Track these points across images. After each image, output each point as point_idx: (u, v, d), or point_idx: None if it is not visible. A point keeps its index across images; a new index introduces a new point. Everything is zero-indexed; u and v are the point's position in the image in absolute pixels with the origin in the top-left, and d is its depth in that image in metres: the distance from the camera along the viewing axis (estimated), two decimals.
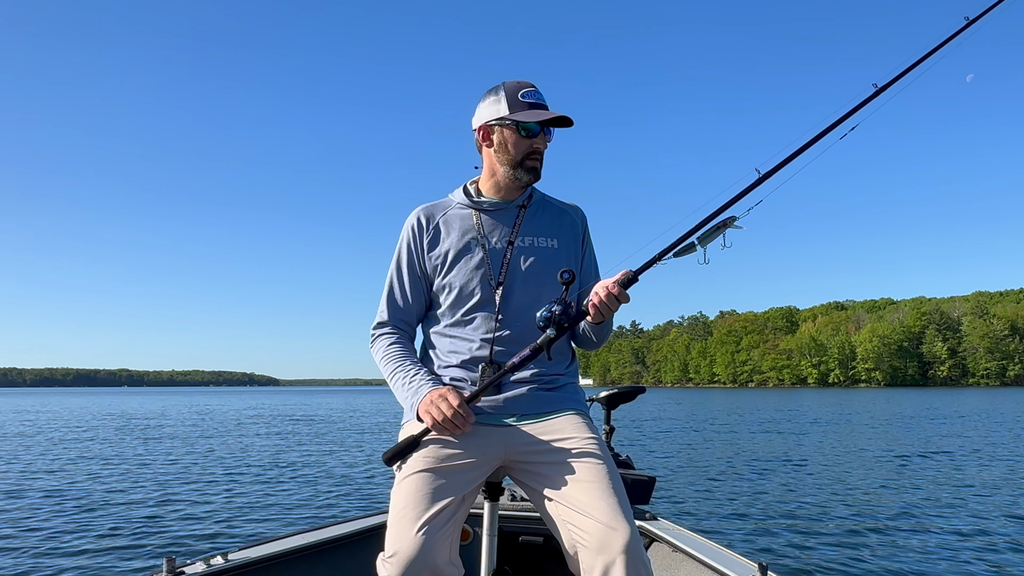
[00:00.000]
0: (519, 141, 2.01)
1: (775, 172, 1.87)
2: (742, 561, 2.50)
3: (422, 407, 1.88)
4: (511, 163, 2.02)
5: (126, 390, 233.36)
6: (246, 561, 2.41)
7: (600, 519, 1.73)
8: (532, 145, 2.01)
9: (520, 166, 2.02)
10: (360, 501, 8.47)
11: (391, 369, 2.01)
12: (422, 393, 1.90)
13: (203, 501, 8.39)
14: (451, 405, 1.83)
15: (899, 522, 7.19)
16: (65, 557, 5.77)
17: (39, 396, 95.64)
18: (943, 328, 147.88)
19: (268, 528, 6.91)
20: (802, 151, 1.88)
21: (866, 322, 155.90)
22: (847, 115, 1.91)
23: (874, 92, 1.94)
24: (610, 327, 2.04)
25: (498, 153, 2.04)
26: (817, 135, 1.89)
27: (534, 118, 1.98)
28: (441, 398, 1.85)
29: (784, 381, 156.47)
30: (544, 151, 2.05)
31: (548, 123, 2.01)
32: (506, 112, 2.00)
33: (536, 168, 2.03)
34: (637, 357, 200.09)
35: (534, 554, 3.02)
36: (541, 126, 2.00)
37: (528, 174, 2.02)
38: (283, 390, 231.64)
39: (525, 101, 2.00)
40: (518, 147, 2.01)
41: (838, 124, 1.90)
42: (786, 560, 5.69)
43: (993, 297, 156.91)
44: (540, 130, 2.01)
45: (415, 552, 1.69)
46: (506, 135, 2.02)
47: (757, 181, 1.86)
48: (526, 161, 2.01)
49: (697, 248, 1.88)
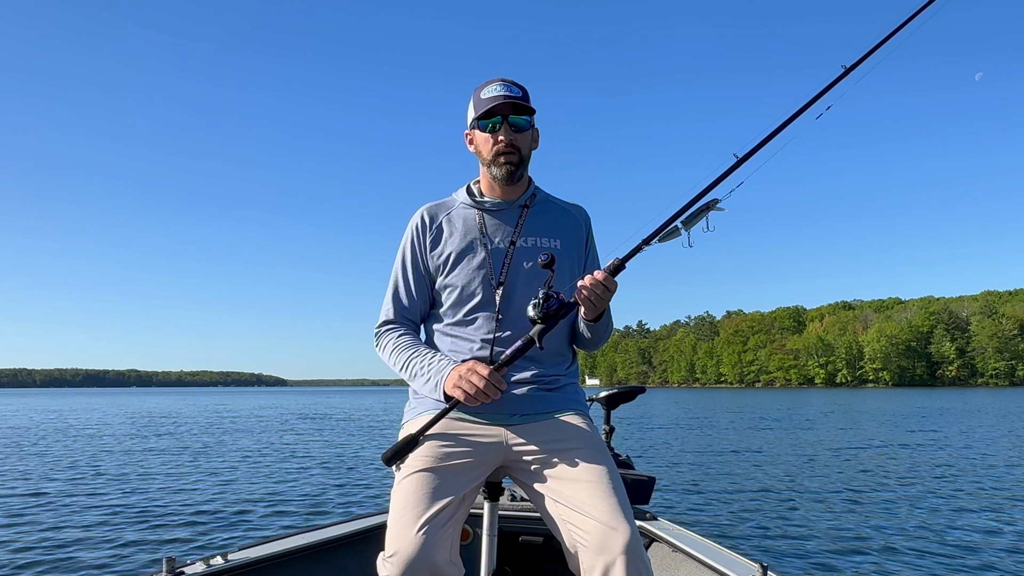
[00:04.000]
0: (486, 139, 2.01)
1: (752, 155, 1.90)
2: (742, 561, 2.49)
3: (449, 383, 1.86)
4: (485, 162, 2.03)
5: (135, 390, 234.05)
6: (246, 561, 2.42)
7: (600, 519, 1.73)
8: (496, 139, 1.99)
9: (492, 163, 2.01)
10: (361, 501, 8.48)
11: (405, 357, 1.99)
12: (446, 372, 1.89)
13: (203, 501, 8.41)
14: (482, 376, 1.82)
15: (901, 522, 7.16)
16: (65, 556, 5.79)
17: (48, 397, 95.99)
18: (951, 328, 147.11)
19: (269, 528, 6.92)
20: (776, 133, 1.92)
21: (874, 322, 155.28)
22: (817, 96, 1.95)
23: (843, 72, 1.97)
24: (608, 326, 2.03)
25: (478, 155, 2.06)
26: (790, 117, 1.93)
27: (485, 108, 1.97)
28: (470, 371, 1.83)
29: (791, 381, 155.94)
30: (521, 143, 2.01)
31: (505, 112, 1.98)
32: (473, 114, 2.01)
33: (509, 163, 2.00)
34: (643, 357, 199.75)
35: (534, 554, 3.02)
36: (503, 117, 1.97)
37: (500, 169, 2.00)
38: (291, 390, 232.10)
39: (485, 97, 1.99)
40: (487, 145, 2.01)
41: (810, 105, 1.94)
42: (787, 561, 5.67)
43: (1002, 296, 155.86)
44: (503, 122, 1.98)
45: (415, 552, 1.69)
46: (476, 136, 2.03)
47: (735, 164, 1.89)
48: (497, 157, 2.00)
49: (681, 232, 1.90)
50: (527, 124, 2.02)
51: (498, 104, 1.97)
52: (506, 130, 1.98)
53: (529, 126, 2.03)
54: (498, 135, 1.98)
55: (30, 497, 8.78)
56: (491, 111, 1.98)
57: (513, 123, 1.99)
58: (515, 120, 1.99)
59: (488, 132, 2.00)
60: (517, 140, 2.00)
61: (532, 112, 2.01)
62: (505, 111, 1.98)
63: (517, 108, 1.98)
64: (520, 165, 2.02)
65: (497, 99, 1.97)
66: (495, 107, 1.97)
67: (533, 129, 2.06)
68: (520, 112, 1.99)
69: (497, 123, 1.98)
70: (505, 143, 1.98)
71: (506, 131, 1.98)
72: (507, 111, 1.98)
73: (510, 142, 1.99)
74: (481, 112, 1.98)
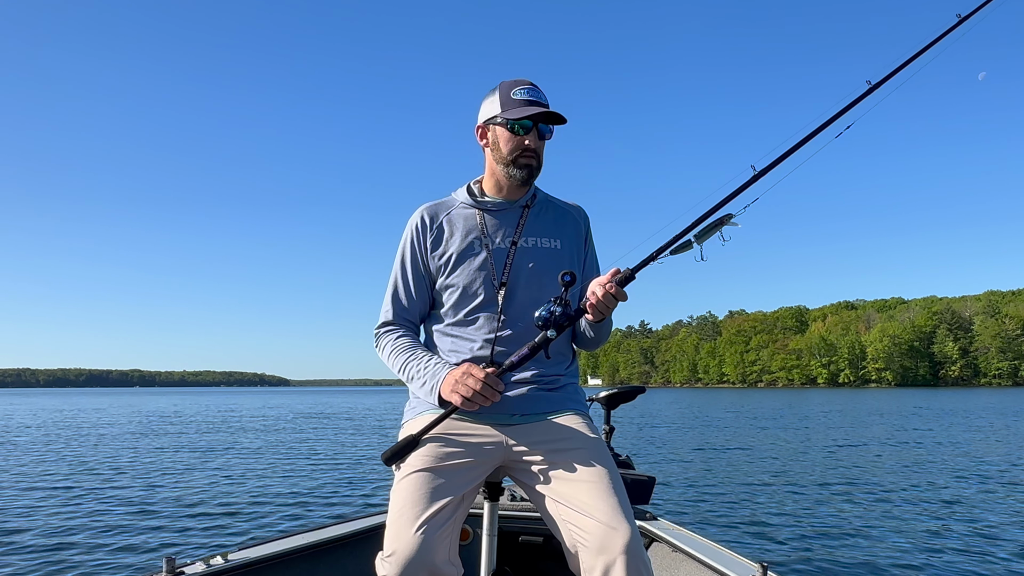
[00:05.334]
0: (510, 139, 1.99)
1: (770, 169, 1.86)
2: (743, 561, 2.48)
3: (445, 387, 1.85)
4: (503, 161, 2.01)
5: (137, 390, 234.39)
6: (246, 561, 2.41)
7: (600, 519, 1.72)
8: (523, 142, 1.99)
9: (513, 164, 2.00)
10: (362, 501, 8.48)
11: (403, 360, 1.99)
12: (442, 375, 1.88)
13: (203, 501, 8.41)
14: (478, 379, 1.81)
15: (902, 522, 7.15)
16: (65, 556, 5.78)
17: (51, 397, 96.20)
18: (954, 328, 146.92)
19: (269, 528, 6.92)
20: (796, 148, 1.88)
21: (876, 322, 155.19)
22: (841, 112, 1.90)
23: (868, 89, 1.93)
24: (609, 326, 2.03)
25: (493, 151, 2.03)
26: (811, 132, 1.89)
27: (523, 114, 1.96)
28: (465, 375, 1.83)
29: (794, 381, 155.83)
30: (540, 150, 2.02)
31: (540, 120, 1.98)
32: (499, 110, 1.99)
33: (530, 166, 2.00)
34: (646, 357, 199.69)
35: (534, 554, 3.02)
36: (533, 122, 1.98)
37: (521, 171, 2.00)
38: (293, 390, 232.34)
39: (517, 99, 1.98)
40: (509, 145, 1.99)
41: (832, 121, 1.90)
42: (788, 561, 5.66)
43: (1005, 296, 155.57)
44: (532, 127, 1.98)
45: (413, 551, 1.69)
46: (499, 133, 2.01)
47: (753, 178, 1.86)
48: (519, 159, 1.99)
49: (694, 246, 1.86)
50: (551, 133, 2.03)
51: (532, 106, 1.97)
52: (535, 136, 1.99)
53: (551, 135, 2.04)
54: (526, 139, 1.98)
55: (30, 497, 8.78)
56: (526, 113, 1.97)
57: (541, 130, 2.00)
58: (543, 128, 2.00)
59: (516, 133, 1.99)
60: (539, 147, 2.02)
61: (564, 122, 2.01)
62: (538, 118, 1.98)
63: (551, 117, 1.99)
64: (537, 170, 2.03)
65: (534, 105, 1.97)
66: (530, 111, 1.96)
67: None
68: (551, 120, 2.00)
69: (529, 126, 1.98)
70: (532, 147, 1.99)
71: (534, 137, 1.99)
72: (540, 118, 1.98)
73: (534, 147, 2.00)
74: (515, 113, 1.97)
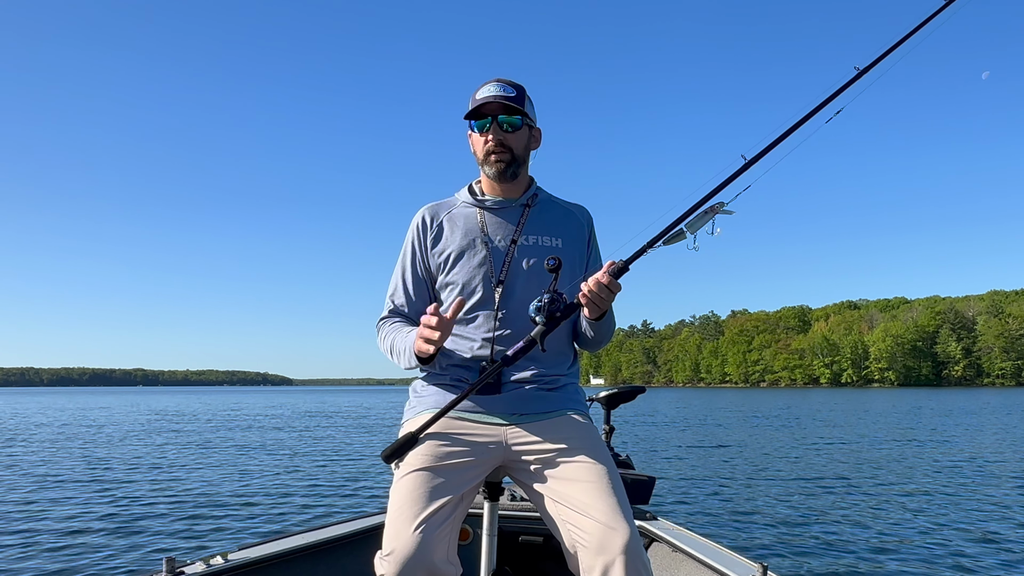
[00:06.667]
0: (476, 139, 2.04)
1: (761, 157, 1.87)
2: (743, 561, 2.48)
3: (417, 346, 1.86)
4: (479, 162, 2.06)
5: (141, 389, 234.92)
6: (246, 561, 2.42)
7: (600, 519, 1.72)
8: (486, 140, 2.01)
9: (484, 162, 2.04)
10: (362, 501, 8.48)
11: (390, 341, 2.02)
12: (411, 337, 1.91)
13: (203, 500, 8.41)
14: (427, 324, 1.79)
15: (902, 522, 7.14)
16: (65, 556, 5.79)
17: (55, 396, 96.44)
18: (957, 327, 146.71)
19: (269, 528, 6.92)
20: (786, 135, 1.89)
21: (879, 321, 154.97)
22: (830, 98, 1.91)
23: (855, 75, 1.94)
24: (611, 327, 2.03)
25: (474, 155, 2.08)
26: (801, 119, 1.90)
27: (476, 112, 2.00)
28: (423, 327, 1.81)
29: (796, 381, 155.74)
30: (511, 142, 2.01)
31: (496, 112, 1.99)
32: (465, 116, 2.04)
33: (500, 163, 2.01)
34: (648, 357, 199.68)
35: (534, 554, 3.02)
36: (493, 117, 1.99)
37: (491, 168, 2.02)
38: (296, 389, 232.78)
39: (477, 99, 2.01)
40: (477, 145, 2.05)
41: (821, 108, 1.91)
42: (788, 561, 5.65)
43: (1008, 296, 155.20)
44: (492, 122, 2.00)
45: (412, 550, 1.69)
46: (471, 137, 2.07)
47: (743, 167, 1.86)
48: (488, 156, 2.02)
49: (686, 235, 1.88)
50: (519, 123, 2.02)
51: (488, 104, 1.98)
52: (495, 130, 2.00)
53: (522, 125, 2.03)
54: (487, 135, 2.00)
55: (30, 496, 8.80)
56: (481, 112, 2.00)
57: (503, 123, 2.00)
58: (505, 120, 2.00)
59: (479, 132, 2.02)
60: (508, 140, 2.01)
61: (522, 112, 2.01)
62: (496, 111, 1.99)
63: (508, 108, 1.99)
64: (512, 164, 2.02)
65: (486, 100, 1.99)
66: (485, 107, 1.99)
67: (532, 129, 2.07)
68: (510, 112, 2.00)
69: (487, 123, 2.00)
70: (495, 143, 2.00)
71: (495, 131, 2.00)
72: (498, 111, 1.99)
73: (500, 141, 2.00)
74: (471, 112, 2.01)
